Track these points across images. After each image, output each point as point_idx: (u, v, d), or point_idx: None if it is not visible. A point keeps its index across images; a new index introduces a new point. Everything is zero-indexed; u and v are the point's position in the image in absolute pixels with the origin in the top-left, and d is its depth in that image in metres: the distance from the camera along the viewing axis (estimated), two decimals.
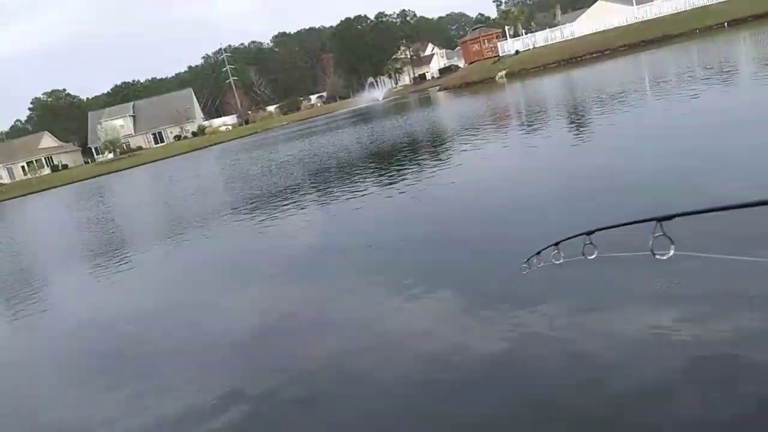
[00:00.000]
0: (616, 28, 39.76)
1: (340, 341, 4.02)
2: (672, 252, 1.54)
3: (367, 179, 10.61)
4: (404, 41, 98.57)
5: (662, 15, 38.49)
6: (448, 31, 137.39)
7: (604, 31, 40.12)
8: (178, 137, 74.66)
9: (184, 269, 7.64)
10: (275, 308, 5.08)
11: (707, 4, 36.62)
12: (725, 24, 31.04)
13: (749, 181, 4.96)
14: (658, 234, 1.53)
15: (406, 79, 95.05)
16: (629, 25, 39.15)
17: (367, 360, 3.64)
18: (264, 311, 5.07)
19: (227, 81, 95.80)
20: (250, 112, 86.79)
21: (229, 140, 56.00)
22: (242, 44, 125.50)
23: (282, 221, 8.66)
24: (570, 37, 42.78)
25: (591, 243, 1.93)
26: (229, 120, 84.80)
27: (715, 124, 7.87)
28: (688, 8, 37.45)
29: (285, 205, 9.97)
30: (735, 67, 14.54)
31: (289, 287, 5.58)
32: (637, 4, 43.46)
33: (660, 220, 1.54)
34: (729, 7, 33.40)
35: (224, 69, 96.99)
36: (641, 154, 7.24)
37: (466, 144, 12.04)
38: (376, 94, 76.51)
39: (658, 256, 1.53)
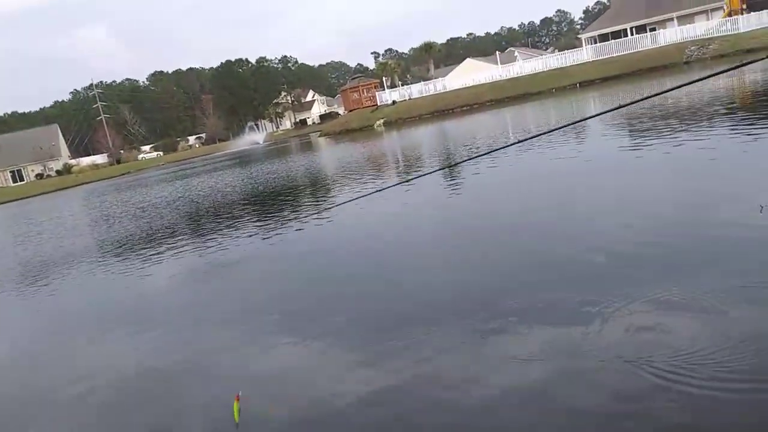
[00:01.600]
0: (482, 84, 42.71)
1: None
2: None
3: (238, 227, 10.45)
4: (285, 86, 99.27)
5: (523, 74, 41.99)
6: (328, 78, 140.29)
7: (472, 87, 42.96)
8: (40, 175, 69.23)
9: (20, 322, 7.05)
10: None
11: (562, 66, 40.51)
12: (577, 84, 34.45)
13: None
14: None
15: (287, 123, 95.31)
16: (495, 82, 42.21)
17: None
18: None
19: (98, 118, 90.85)
20: (122, 151, 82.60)
21: (98, 180, 52.78)
22: (114, 81, 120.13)
23: (136, 270, 8.29)
24: (442, 91, 45.31)
25: None
26: (100, 159, 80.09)
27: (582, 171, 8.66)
28: (545, 69, 41.18)
29: (139, 253, 9.55)
30: (583, 123, 16.12)
31: (128, 340, 5.34)
32: (501, 64, 47.15)
33: None
34: (580, 70, 37.24)
35: (95, 105, 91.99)
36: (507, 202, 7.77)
37: (348, 188, 12.26)
38: (257, 137, 75.92)
39: None
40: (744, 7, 37.95)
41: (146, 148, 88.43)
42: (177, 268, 7.75)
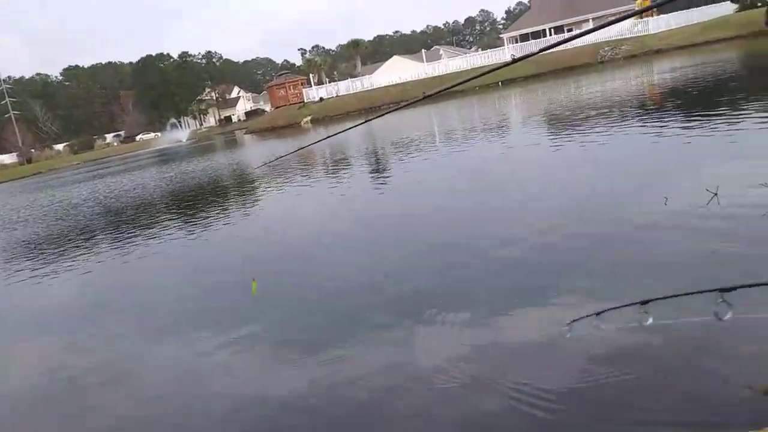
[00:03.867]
0: (409, 81, 43.25)
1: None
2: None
3: (158, 228, 10.20)
4: (209, 82, 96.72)
5: (449, 72, 42.84)
6: (254, 75, 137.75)
7: (399, 84, 43.41)
8: None
9: None
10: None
11: (485, 64, 41.62)
12: (500, 83, 35.49)
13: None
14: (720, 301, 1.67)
15: (211, 120, 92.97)
16: (421, 79, 42.82)
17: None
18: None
19: (6, 115, 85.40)
20: (33, 150, 78.04)
21: (5, 181, 49.70)
22: (23, 76, 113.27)
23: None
24: (369, 88, 45.52)
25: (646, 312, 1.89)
26: (8, 158, 75.37)
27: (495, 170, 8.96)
28: (469, 68, 42.17)
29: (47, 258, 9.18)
30: (506, 119, 16.71)
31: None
32: (427, 62, 47.87)
33: (722, 290, 1.68)
34: (503, 69, 38.22)
35: (2, 102, 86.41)
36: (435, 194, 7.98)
37: (273, 187, 12.17)
38: (180, 134, 73.62)
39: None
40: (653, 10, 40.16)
41: (59, 146, 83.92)
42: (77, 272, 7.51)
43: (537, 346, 3.27)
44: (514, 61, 1.77)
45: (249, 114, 78.94)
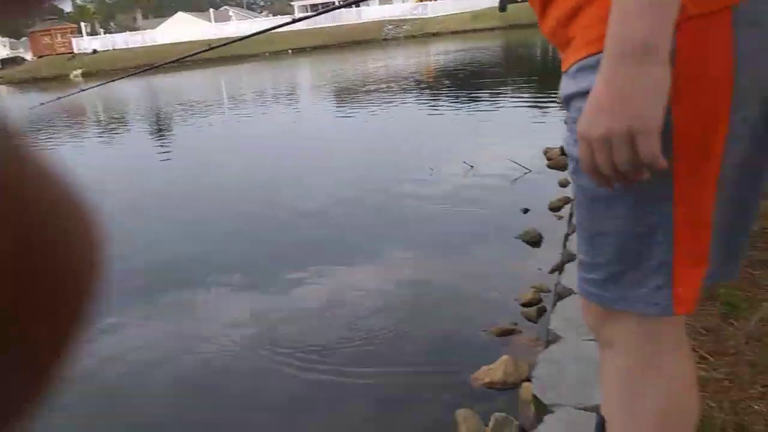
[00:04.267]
0: (196, 41, 41.02)
1: None
2: None
3: None
4: None
5: (238, 35, 41.41)
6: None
7: (186, 42, 40.93)
8: None
9: None
10: None
11: (275, 32, 41.08)
12: (290, 51, 35.44)
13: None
14: None
15: None
16: (208, 39, 40.82)
17: None
18: None
19: None
20: None
21: None
22: None
23: None
24: (152, 44, 42.29)
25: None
26: None
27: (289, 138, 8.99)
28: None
29: None
30: (297, 88, 16.81)
31: None
32: (216, 22, 45.78)
33: None
34: (294, 36, 38.27)
35: None
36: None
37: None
38: None
39: None
40: None
41: None
42: None
43: (306, 310, 3.44)
44: (294, 21, 1.91)
45: (5, 62, 67.95)
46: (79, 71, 37.10)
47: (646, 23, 0.69)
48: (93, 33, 47.47)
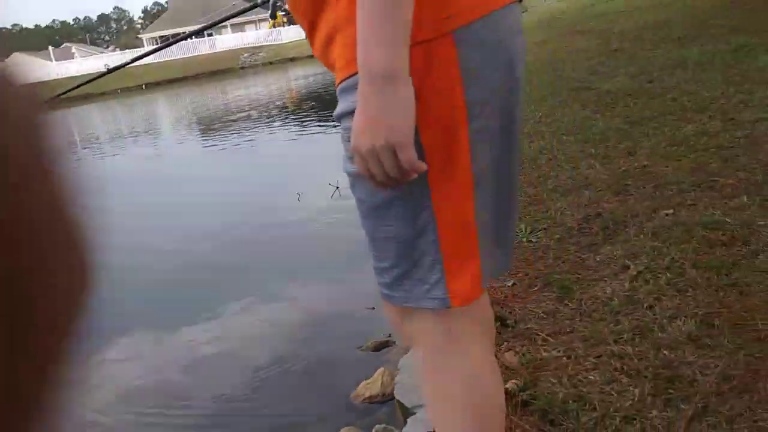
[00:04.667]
0: (36, 83, 38.11)
1: None
2: None
3: None
4: None
5: (83, 73, 39.14)
6: None
7: (23, 86, 37.89)
8: None
9: None
10: None
11: (121, 63, 39.21)
12: (143, 85, 33.99)
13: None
14: None
15: None
16: (51, 80, 38.19)
17: None
18: None
19: None
20: None
21: None
22: None
23: None
24: None
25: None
26: None
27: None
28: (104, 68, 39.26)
29: None
30: (155, 123, 16.15)
31: None
32: (57, 61, 42.95)
33: None
34: (144, 71, 36.73)
35: None
36: None
37: None
38: None
39: None
40: (285, 20, 43.35)
41: None
42: None
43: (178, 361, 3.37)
44: (109, 71, 1.88)
45: None
46: None
47: (383, 51, 0.78)
48: None
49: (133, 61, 1.79)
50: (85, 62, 41.57)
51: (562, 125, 4.59)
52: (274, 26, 42.52)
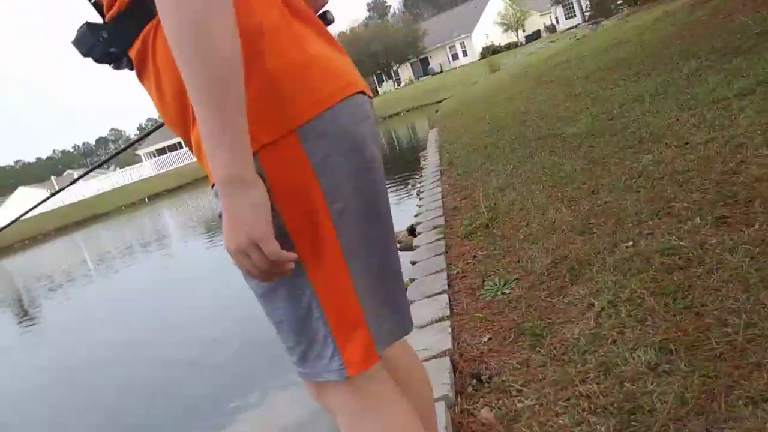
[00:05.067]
0: (45, 212, 39.16)
1: None
2: None
3: None
4: None
5: (87, 197, 40.23)
6: None
7: (32, 217, 38.87)
8: None
9: None
10: None
11: (127, 183, 40.38)
12: (146, 198, 34.81)
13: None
14: None
15: None
16: (57, 208, 39.20)
17: None
18: None
19: None
20: None
21: None
22: None
23: None
24: None
25: None
26: None
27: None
28: (110, 188, 40.38)
29: None
30: (165, 233, 16.46)
31: None
32: (59, 188, 44.02)
33: None
34: (145, 184, 37.77)
35: None
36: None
37: None
38: None
39: None
40: None
41: None
42: None
43: None
44: (52, 194, 2.04)
45: None
46: None
47: (226, 160, 0.86)
48: None
49: (53, 194, 1.93)
50: (88, 183, 42.69)
51: (531, 174, 4.71)
52: None
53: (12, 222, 1.98)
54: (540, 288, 2.77)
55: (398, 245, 5.27)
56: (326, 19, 1.24)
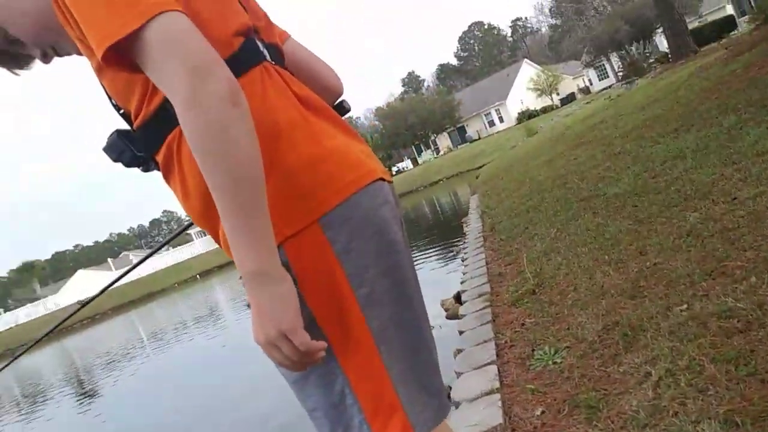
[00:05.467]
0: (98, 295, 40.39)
1: None
2: None
3: None
4: None
5: (143, 276, 41.40)
6: None
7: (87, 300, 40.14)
8: None
9: None
10: None
11: (180, 261, 41.48)
12: (197, 276, 35.57)
13: None
14: None
15: None
16: (115, 288, 40.40)
17: None
18: None
19: None
20: None
21: None
22: None
23: None
24: (55, 309, 41.18)
25: None
26: None
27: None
28: (164, 267, 41.52)
29: None
30: (216, 310, 16.70)
31: None
32: (117, 269, 45.68)
33: None
34: (197, 261, 38.68)
35: None
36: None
37: None
38: None
39: None
40: None
41: None
42: None
43: None
44: (83, 306, 2.12)
45: None
46: None
47: (252, 254, 0.88)
48: None
49: (104, 290, 1.99)
50: (143, 265, 44.01)
51: (576, 237, 4.64)
52: None
53: (96, 295, 2.04)
54: (592, 356, 2.68)
55: (445, 313, 5.22)
56: (343, 108, 1.30)
